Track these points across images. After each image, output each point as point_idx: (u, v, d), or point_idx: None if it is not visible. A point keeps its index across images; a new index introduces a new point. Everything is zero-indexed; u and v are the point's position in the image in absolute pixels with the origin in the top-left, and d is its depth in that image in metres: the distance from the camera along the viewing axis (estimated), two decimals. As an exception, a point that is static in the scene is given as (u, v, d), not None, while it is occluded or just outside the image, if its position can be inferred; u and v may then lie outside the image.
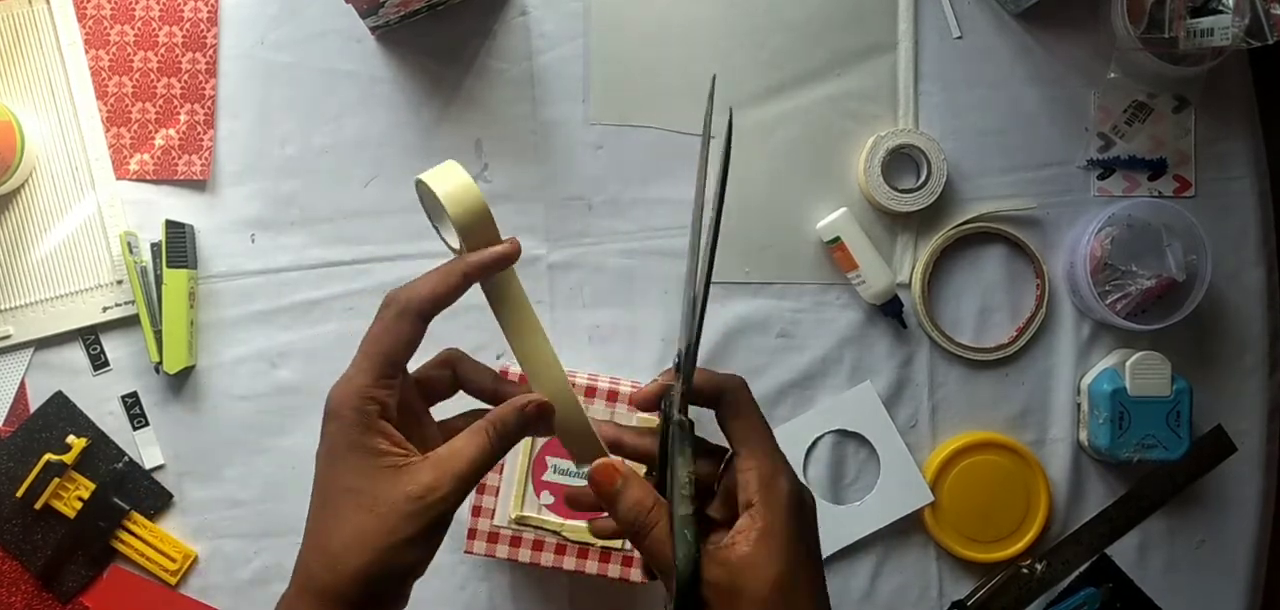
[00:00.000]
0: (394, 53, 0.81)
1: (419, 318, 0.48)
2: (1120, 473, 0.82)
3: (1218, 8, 0.75)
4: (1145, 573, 0.82)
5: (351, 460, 0.44)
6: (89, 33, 0.80)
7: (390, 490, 0.44)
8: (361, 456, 0.45)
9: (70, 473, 0.78)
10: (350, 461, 0.44)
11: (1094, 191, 0.82)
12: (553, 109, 0.81)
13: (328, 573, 0.44)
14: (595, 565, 0.73)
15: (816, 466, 0.81)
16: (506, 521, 0.73)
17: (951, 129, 0.82)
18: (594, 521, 0.52)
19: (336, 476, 0.45)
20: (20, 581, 0.79)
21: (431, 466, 0.45)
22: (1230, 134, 0.82)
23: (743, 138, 0.82)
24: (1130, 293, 0.78)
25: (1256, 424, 0.82)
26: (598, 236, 0.82)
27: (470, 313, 0.81)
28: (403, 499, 0.44)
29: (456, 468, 0.45)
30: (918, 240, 0.82)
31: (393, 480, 0.44)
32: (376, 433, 0.45)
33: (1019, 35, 0.82)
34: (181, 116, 0.80)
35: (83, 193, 0.80)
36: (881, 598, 0.82)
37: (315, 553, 0.44)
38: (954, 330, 0.82)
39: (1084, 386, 0.81)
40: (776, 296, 0.82)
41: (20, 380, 0.80)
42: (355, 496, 0.44)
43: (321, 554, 0.44)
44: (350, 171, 0.81)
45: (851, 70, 0.82)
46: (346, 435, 0.45)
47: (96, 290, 0.80)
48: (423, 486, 0.44)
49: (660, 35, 0.82)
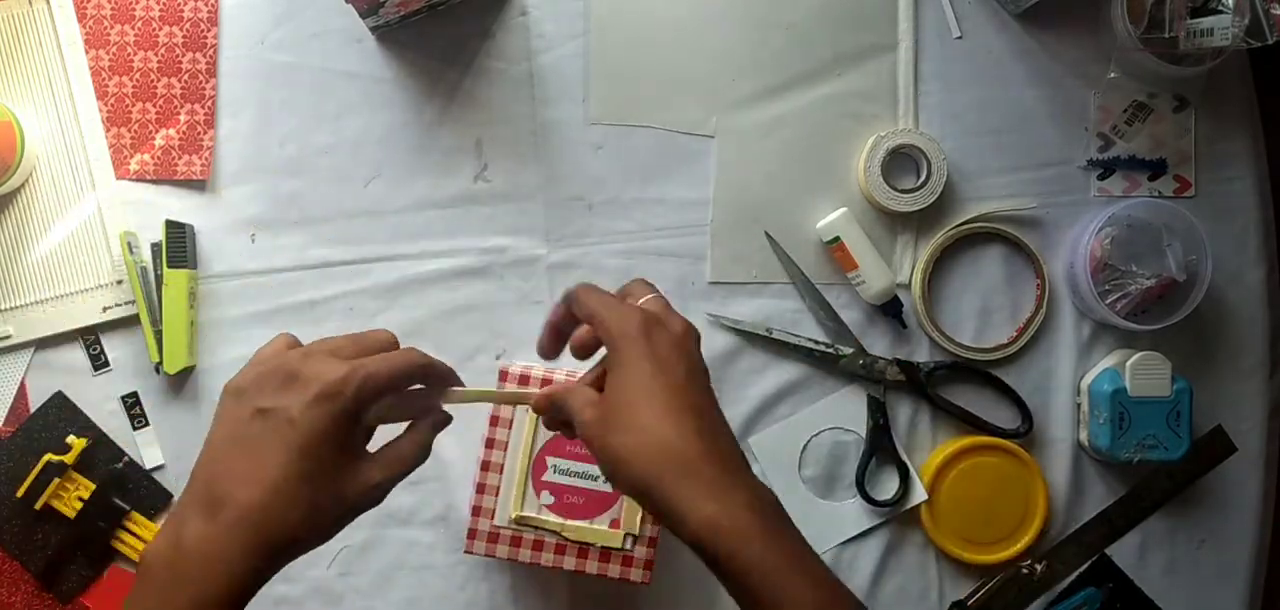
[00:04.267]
0: (394, 53, 0.81)
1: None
2: (1120, 473, 0.82)
3: (1218, 8, 0.75)
4: (1145, 573, 0.82)
5: (337, 438, 0.50)
6: (89, 33, 0.80)
7: (351, 479, 0.51)
8: (342, 442, 0.51)
9: (70, 473, 0.78)
10: (335, 439, 0.50)
11: (1094, 191, 0.82)
12: (553, 109, 0.81)
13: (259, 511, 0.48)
14: (595, 565, 0.73)
15: (813, 465, 0.82)
16: (507, 521, 0.73)
17: (951, 129, 0.82)
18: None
19: (315, 446, 0.49)
20: (20, 581, 0.79)
21: (380, 466, 0.53)
22: (1230, 134, 0.82)
23: (743, 138, 0.82)
24: (1130, 293, 0.78)
25: (1257, 424, 0.82)
26: (598, 236, 0.82)
27: (472, 313, 0.81)
28: (359, 488, 0.51)
29: (401, 467, 0.53)
30: (918, 240, 0.82)
31: (354, 471, 0.51)
32: (357, 430, 0.52)
33: (1019, 35, 0.82)
34: (181, 116, 0.80)
35: (83, 193, 0.80)
36: (881, 598, 0.82)
37: (242, 485, 0.48)
38: (954, 330, 0.82)
39: (1084, 387, 0.81)
40: (776, 296, 0.82)
41: (20, 380, 0.80)
42: (325, 472, 0.50)
43: (255, 487, 0.48)
44: (350, 171, 0.81)
45: (851, 70, 0.82)
46: (337, 421, 0.50)
47: (96, 290, 0.80)
48: (373, 482, 0.52)
49: (660, 35, 0.82)
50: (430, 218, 0.81)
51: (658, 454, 0.49)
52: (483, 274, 0.81)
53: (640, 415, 0.50)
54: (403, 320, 0.81)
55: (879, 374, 0.80)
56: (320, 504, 0.49)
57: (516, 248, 0.81)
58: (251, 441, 0.49)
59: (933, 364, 0.81)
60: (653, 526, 0.73)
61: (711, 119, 0.82)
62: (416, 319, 0.81)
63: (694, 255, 0.82)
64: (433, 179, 0.81)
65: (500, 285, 0.81)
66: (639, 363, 0.51)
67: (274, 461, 0.48)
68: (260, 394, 0.50)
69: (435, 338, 0.81)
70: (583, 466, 0.74)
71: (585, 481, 0.73)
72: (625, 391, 0.51)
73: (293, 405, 0.49)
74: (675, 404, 0.50)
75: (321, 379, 0.49)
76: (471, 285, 0.81)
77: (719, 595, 0.80)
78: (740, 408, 0.81)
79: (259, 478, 0.48)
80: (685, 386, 0.51)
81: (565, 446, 0.74)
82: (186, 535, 0.47)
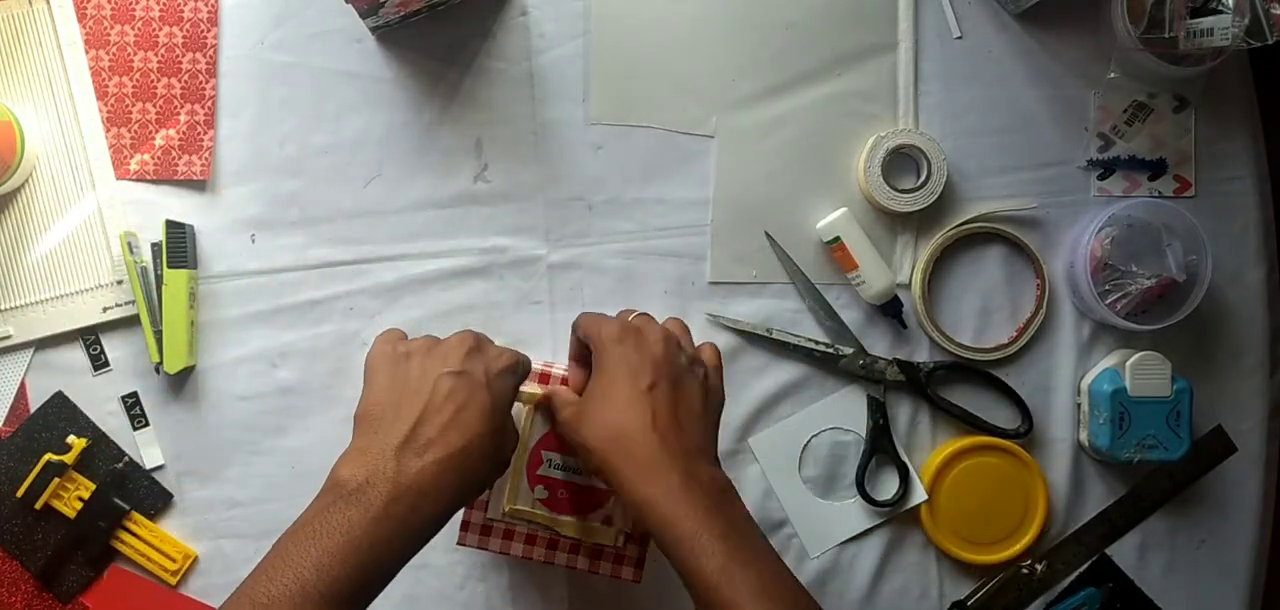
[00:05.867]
0: (394, 53, 0.81)
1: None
2: (1120, 473, 0.82)
3: (1218, 8, 0.75)
4: (1145, 573, 0.82)
5: (510, 403, 0.63)
6: (89, 33, 0.80)
7: (510, 436, 0.63)
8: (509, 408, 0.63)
9: (70, 473, 0.78)
10: (509, 404, 0.62)
11: (1094, 191, 0.82)
12: (553, 109, 0.81)
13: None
14: (586, 562, 0.73)
15: (812, 465, 0.82)
16: (500, 515, 0.73)
17: (951, 129, 0.82)
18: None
19: (502, 406, 0.61)
20: (20, 581, 0.79)
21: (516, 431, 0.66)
22: (1230, 134, 0.82)
23: (743, 138, 0.82)
24: (1130, 293, 0.78)
25: (1257, 424, 0.82)
26: (598, 236, 0.82)
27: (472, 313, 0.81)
28: (512, 443, 0.64)
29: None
30: (918, 240, 0.82)
31: (511, 431, 0.64)
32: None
33: (1019, 35, 0.82)
34: (182, 117, 0.80)
35: (83, 193, 0.80)
36: (881, 598, 0.82)
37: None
38: (954, 331, 0.82)
39: (1084, 387, 0.81)
40: (776, 296, 0.82)
41: (20, 380, 0.80)
42: (504, 428, 0.61)
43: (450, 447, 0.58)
44: (350, 172, 0.81)
45: (851, 70, 0.82)
46: (514, 390, 0.63)
47: (97, 290, 0.80)
48: (516, 440, 0.65)
49: (660, 35, 0.82)
50: (430, 218, 0.81)
51: (610, 440, 0.59)
52: (483, 274, 0.81)
53: (604, 409, 0.60)
54: (403, 320, 0.81)
55: (879, 374, 0.80)
56: (499, 455, 0.61)
57: (516, 248, 0.81)
58: (451, 397, 0.58)
59: (933, 364, 0.81)
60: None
61: (711, 119, 0.82)
62: (417, 319, 0.81)
63: (694, 255, 0.82)
64: (433, 179, 0.81)
65: (500, 285, 0.81)
66: (613, 366, 0.61)
67: (474, 416, 0.58)
68: (447, 360, 0.60)
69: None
70: (577, 461, 0.73)
71: (578, 477, 0.73)
72: (596, 388, 0.62)
73: (482, 372, 0.60)
74: (635, 398, 0.59)
75: (504, 355, 0.62)
76: (471, 285, 0.81)
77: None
78: (740, 408, 0.81)
79: (462, 427, 0.57)
80: (650, 384, 0.60)
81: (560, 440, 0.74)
82: (404, 468, 0.55)
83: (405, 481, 0.55)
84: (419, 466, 0.56)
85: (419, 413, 0.57)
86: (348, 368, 0.81)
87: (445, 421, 0.57)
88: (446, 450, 0.56)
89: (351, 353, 0.81)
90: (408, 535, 0.55)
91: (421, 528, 0.56)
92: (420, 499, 0.55)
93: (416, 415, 0.57)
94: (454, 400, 0.58)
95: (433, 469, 0.56)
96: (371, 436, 0.58)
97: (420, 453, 0.56)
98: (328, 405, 0.80)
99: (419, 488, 0.55)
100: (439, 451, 0.56)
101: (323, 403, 0.80)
